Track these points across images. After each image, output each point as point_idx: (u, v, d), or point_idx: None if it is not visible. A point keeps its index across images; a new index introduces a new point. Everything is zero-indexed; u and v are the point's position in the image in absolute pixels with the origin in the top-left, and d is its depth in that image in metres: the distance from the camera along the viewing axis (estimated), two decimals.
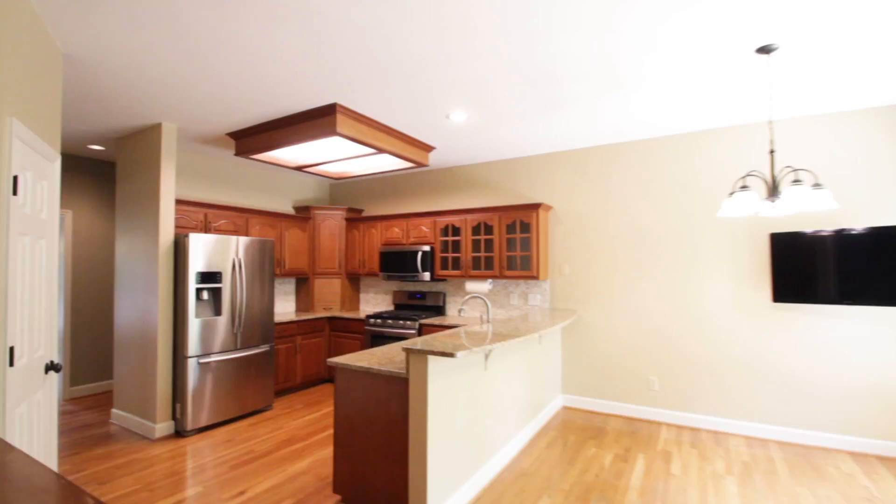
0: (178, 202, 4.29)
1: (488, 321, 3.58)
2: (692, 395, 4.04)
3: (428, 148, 4.49)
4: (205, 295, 3.98)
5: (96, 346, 5.08)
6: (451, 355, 2.26)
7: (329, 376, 5.51)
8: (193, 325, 3.86)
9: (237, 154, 4.14)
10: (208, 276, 3.98)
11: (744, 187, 2.62)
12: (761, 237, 3.79)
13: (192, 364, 3.84)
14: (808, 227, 3.63)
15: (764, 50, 2.62)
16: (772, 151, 2.63)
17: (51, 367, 2.41)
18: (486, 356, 3.06)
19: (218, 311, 4.07)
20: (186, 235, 3.85)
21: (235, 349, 4.19)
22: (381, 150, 3.97)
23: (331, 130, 3.44)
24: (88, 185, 5.07)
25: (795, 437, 3.65)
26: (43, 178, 2.36)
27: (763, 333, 3.77)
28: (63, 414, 4.42)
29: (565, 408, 4.56)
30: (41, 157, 2.33)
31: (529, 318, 3.84)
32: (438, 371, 2.49)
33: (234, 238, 4.20)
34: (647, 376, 4.24)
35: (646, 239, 4.26)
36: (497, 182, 5.10)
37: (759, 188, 3.77)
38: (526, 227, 4.58)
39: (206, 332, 3.95)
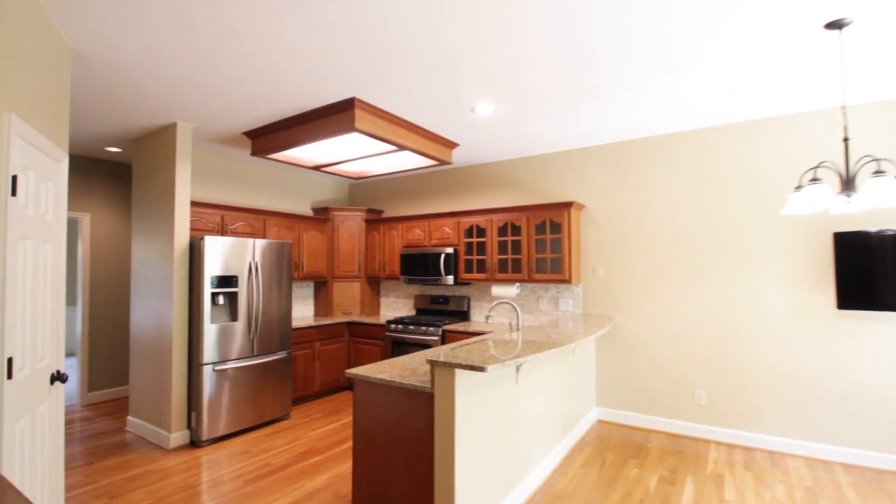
0: (195, 204, 4.17)
1: (518, 329, 3.32)
2: (744, 411, 3.68)
3: (451, 144, 4.26)
4: (220, 300, 3.83)
5: (114, 351, 5.01)
6: (480, 369, 2.02)
7: (348, 384, 5.32)
8: (209, 330, 3.71)
9: (253, 154, 4.00)
10: (224, 280, 3.83)
11: (814, 180, 2.30)
12: (823, 237, 3.42)
13: (207, 371, 3.69)
14: (874, 226, 3.25)
15: (834, 25, 2.31)
16: (846, 140, 2.30)
17: (57, 377, 2.27)
18: (518, 368, 2.80)
19: (234, 317, 3.92)
20: (202, 238, 3.72)
21: (252, 356, 4.03)
22: (401, 148, 3.76)
23: (349, 127, 3.25)
24: (106, 188, 5.02)
25: (864, 460, 3.27)
26: (48, 178, 2.22)
27: (826, 343, 3.39)
28: (80, 421, 4.34)
29: (600, 422, 4.25)
30: (46, 156, 2.19)
31: (560, 325, 3.56)
32: (466, 385, 2.25)
33: (250, 240, 4.05)
34: (692, 389, 3.90)
35: (691, 239, 3.93)
36: (524, 180, 4.83)
37: (830, 181, 3.39)
38: (557, 228, 4.30)
39: (222, 339, 3.80)
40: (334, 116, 3.35)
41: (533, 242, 4.36)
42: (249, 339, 4.01)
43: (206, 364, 3.68)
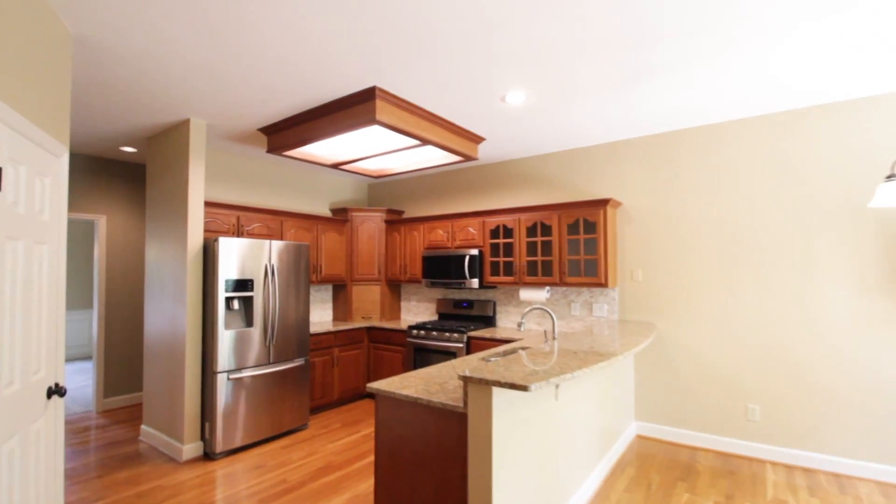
0: (210, 205, 4.00)
1: (553, 337, 3.03)
2: (805, 428, 3.31)
3: (477, 139, 4.00)
4: (235, 304, 3.64)
5: (131, 356, 4.89)
6: (523, 388, 1.74)
7: (368, 392, 5.08)
8: (223, 337, 3.52)
9: (269, 151, 3.80)
10: (239, 284, 3.64)
11: None
12: None
13: (221, 380, 3.50)
14: None
15: None
16: None
17: (55, 391, 2.08)
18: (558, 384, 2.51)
19: (249, 322, 3.72)
20: (216, 239, 3.53)
21: (268, 363, 3.83)
22: (425, 142, 3.51)
23: (370, 118, 3.02)
24: (122, 190, 4.91)
25: None
26: (44, 174, 2.04)
27: None
28: (95, 428, 4.21)
29: (640, 437, 3.91)
30: (41, 149, 2.00)
31: (597, 332, 3.25)
32: (504, 404, 1.97)
33: (266, 242, 3.85)
34: (744, 403, 3.54)
35: (742, 237, 3.58)
36: (554, 177, 4.53)
37: None
38: (591, 227, 3.99)
39: (237, 345, 3.61)
40: (354, 108, 3.12)
41: (565, 243, 4.05)
42: (265, 346, 3.81)
43: (220, 372, 3.48)
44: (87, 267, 7.66)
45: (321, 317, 5.39)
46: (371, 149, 3.93)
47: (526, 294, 4.34)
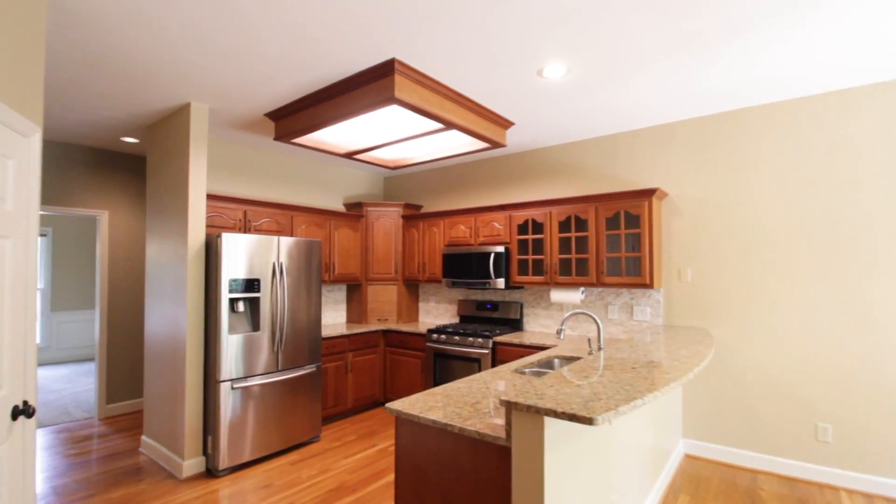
0: (214, 198, 3.69)
1: (599, 347, 2.63)
2: (886, 451, 2.85)
3: (505, 124, 3.61)
4: (240, 306, 3.32)
5: (135, 359, 4.62)
6: (587, 421, 1.35)
7: (384, 398, 4.74)
8: (227, 342, 3.20)
9: (277, 138, 3.47)
10: (245, 284, 3.32)
11: None
12: None
13: (224, 390, 3.18)
14: None
15: None
16: None
17: (21, 411, 1.77)
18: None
19: (256, 326, 3.40)
20: (218, 235, 3.21)
21: (276, 371, 3.50)
22: (449, 126, 3.14)
23: (387, 96, 2.65)
24: (125, 184, 4.64)
25: None
26: (7, 155, 1.72)
27: None
28: (96, 437, 3.95)
29: (688, 457, 3.48)
30: (2, 125, 1.69)
31: (646, 340, 2.84)
32: (557, 436, 1.59)
33: (274, 238, 3.53)
34: (814, 422, 3.09)
35: (813, 232, 3.12)
36: (589, 166, 4.11)
37: None
38: (634, 221, 3.57)
39: (242, 351, 3.29)
40: (370, 86, 2.76)
41: (603, 239, 3.64)
42: (273, 352, 3.49)
43: (223, 381, 3.17)
44: (88, 265, 7.46)
45: (334, 318, 5.06)
46: (388, 136, 3.57)
47: (558, 295, 3.94)
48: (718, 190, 3.46)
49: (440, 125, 3.26)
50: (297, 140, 3.53)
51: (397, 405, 1.93)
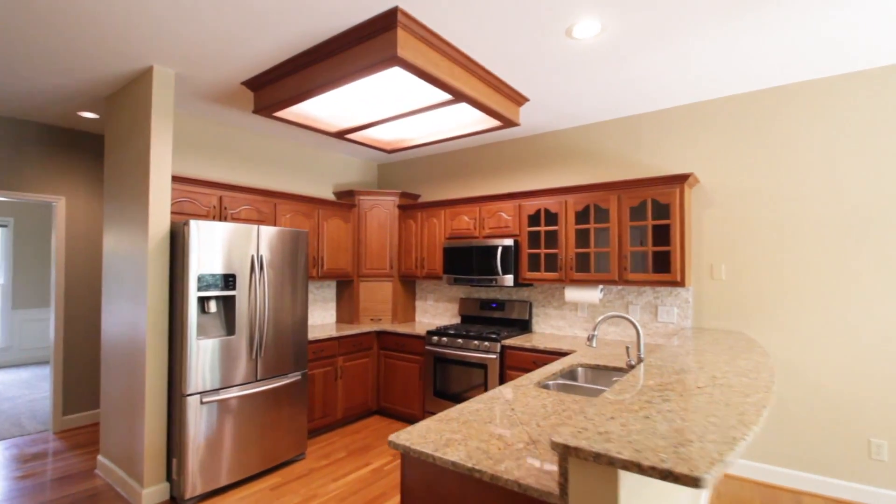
0: (184, 181, 3.20)
1: (640, 356, 2.23)
2: None
3: (520, 99, 3.18)
4: (212, 306, 2.85)
5: (94, 366, 4.11)
6: (692, 482, 0.94)
7: (377, 407, 4.31)
8: (195, 348, 2.73)
9: (257, 111, 3.00)
10: (217, 281, 2.85)
11: None
12: None
13: (192, 404, 2.71)
14: None
15: None
16: None
17: None
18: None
19: (231, 329, 2.93)
20: (186, 223, 2.74)
21: (255, 381, 3.04)
22: (458, 97, 2.70)
23: (388, 56, 2.20)
24: (84, 166, 4.11)
25: None
26: None
27: None
28: (49, 455, 3.44)
29: (726, 476, 3.11)
30: None
31: (679, 350, 2.44)
32: (632, 489, 1.17)
33: (254, 227, 3.06)
34: (866, 438, 2.73)
35: (866, 225, 2.75)
36: (610, 150, 3.69)
37: None
38: (663, 211, 3.17)
39: (215, 359, 2.82)
40: (367, 43, 2.31)
41: (626, 231, 3.24)
42: (252, 359, 3.02)
43: (190, 395, 2.70)
44: (43, 258, 6.84)
45: (322, 318, 4.60)
46: (384, 112, 3.12)
47: (573, 294, 3.54)
48: (757, 177, 3.08)
49: (446, 98, 2.82)
50: (281, 113, 3.07)
51: (404, 438, 1.49)
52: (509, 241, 3.72)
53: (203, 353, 2.76)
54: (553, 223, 3.62)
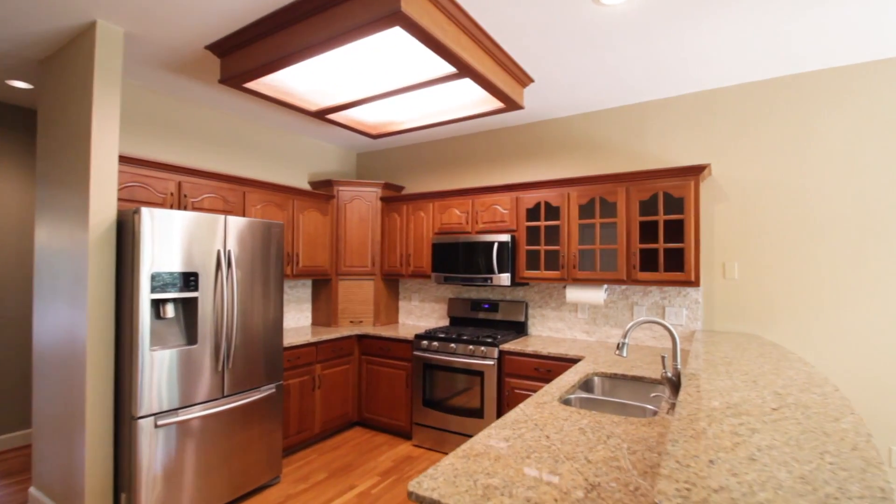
0: (136, 162, 2.73)
1: (677, 370, 1.97)
2: None
3: (525, 80, 2.88)
4: (169, 310, 2.41)
5: (26, 376, 3.55)
6: None
7: (359, 418, 3.93)
8: (148, 361, 2.29)
9: (223, 81, 2.57)
10: (176, 280, 2.41)
11: None
12: None
13: (145, 428, 2.27)
14: None
15: None
16: None
17: None
18: None
19: (192, 338, 2.50)
20: (136, 211, 2.29)
21: (221, 397, 2.62)
22: (462, 70, 2.37)
23: (389, 11, 1.85)
24: (14, 146, 3.53)
25: None
26: None
27: None
28: None
29: None
30: None
31: (710, 358, 2.22)
32: None
33: (220, 218, 2.63)
34: (888, 446, 2.59)
35: (893, 222, 2.61)
36: (613, 140, 3.45)
37: None
38: (676, 205, 2.95)
39: (172, 373, 2.39)
40: None
41: (636, 226, 3.00)
42: (218, 372, 2.60)
43: (142, 417, 2.26)
44: None
45: (297, 321, 4.17)
46: (372, 88, 2.75)
47: (575, 294, 3.28)
48: (773, 170, 2.90)
49: (448, 72, 2.49)
50: (252, 85, 2.64)
51: (429, 488, 1.15)
52: (505, 237, 3.42)
53: (158, 367, 2.32)
54: (554, 217, 3.35)
